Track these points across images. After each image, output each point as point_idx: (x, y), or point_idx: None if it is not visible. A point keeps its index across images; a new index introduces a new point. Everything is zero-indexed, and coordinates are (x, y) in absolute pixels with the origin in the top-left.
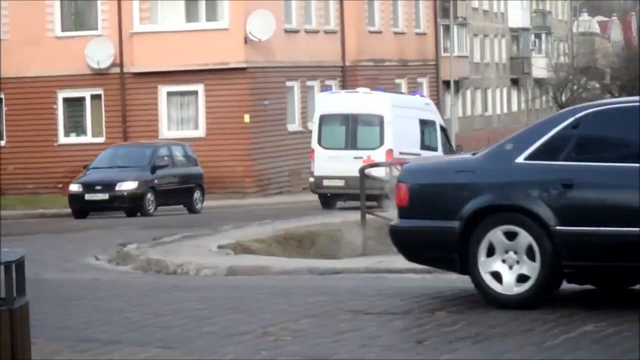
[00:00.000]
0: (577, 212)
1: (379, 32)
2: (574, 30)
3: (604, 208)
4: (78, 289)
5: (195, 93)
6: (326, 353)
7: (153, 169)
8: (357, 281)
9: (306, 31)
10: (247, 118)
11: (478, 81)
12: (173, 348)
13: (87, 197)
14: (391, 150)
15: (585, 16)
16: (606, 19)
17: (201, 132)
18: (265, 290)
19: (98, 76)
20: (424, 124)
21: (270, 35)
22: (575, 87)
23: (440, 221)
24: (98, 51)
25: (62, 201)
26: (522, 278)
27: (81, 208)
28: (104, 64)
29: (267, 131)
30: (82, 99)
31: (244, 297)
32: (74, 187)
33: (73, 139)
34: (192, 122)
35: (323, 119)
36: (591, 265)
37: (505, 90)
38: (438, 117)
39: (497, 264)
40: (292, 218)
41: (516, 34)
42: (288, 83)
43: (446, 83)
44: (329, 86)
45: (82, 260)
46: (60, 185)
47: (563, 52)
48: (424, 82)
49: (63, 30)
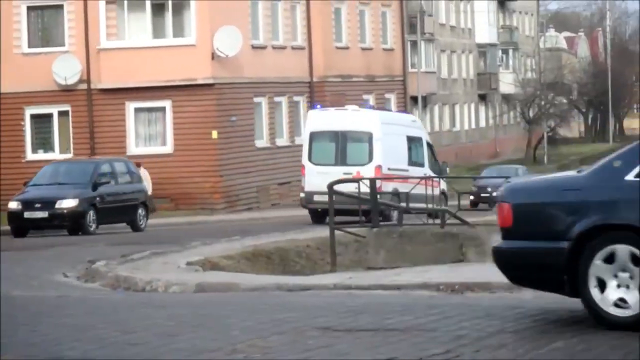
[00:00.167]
0: None
1: (346, 48)
2: (541, 45)
3: None
4: (47, 306)
5: (162, 109)
6: None
7: (95, 186)
8: (326, 297)
9: (273, 47)
10: (215, 134)
11: (445, 97)
12: None
13: (27, 215)
14: (380, 166)
15: (552, 32)
16: (573, 35)
17: (169, 148)
18: (234, 306)
19: (65, 92)
20: (411, 141)
21: (237, 51)
22: (542, 103)
23: (548, 242)
24: (65, 68)
25: None
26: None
27: (20, 226)
28: (71, 81)
29: (235, 147)
30: (50, 116)
31: (213, 314)
32: (13, 205)
33: (41, 155)
34: (160, 138)
35: (313, 136)
36: None
37: (472, 105)
38: (425, 134)
39: (610, 285)
40: (261, 234)
41: (483, 50)
42: (256, 99)
43: (414, 99)
44: (318, 103)
45: (51, 277)
46: None
47: (530, 68)
48: (392, 98)
49: (30, 46)
